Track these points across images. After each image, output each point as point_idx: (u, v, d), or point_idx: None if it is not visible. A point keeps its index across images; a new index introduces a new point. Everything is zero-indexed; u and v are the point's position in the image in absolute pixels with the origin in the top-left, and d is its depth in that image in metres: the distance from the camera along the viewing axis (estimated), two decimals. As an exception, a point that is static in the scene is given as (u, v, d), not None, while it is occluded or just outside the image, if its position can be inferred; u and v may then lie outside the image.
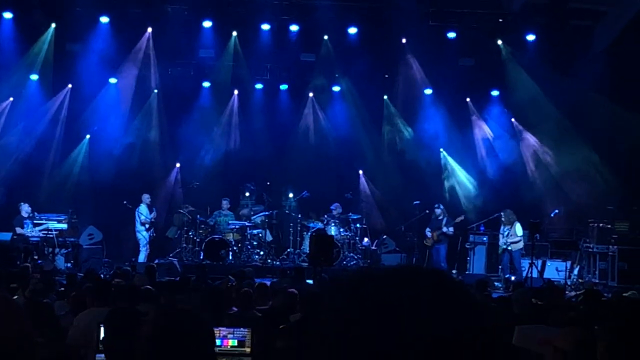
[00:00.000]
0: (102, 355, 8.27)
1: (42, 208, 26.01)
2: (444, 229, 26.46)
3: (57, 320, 10.51)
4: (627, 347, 4.15)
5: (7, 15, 26.90)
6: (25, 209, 25.26)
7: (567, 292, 20.64)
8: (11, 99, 27.92)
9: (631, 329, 4.25)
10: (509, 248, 25.35)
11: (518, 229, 25.38)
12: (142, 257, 26.25)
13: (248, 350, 8.61)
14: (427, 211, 27.22)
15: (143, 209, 26.76)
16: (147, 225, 26.66)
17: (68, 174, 28.72)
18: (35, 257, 23.96)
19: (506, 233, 25.54)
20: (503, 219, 25.72)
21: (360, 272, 2.07)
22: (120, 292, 11.21)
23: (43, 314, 9.83)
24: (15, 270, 17.97)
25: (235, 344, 8.60)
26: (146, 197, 27.00)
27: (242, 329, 8.75)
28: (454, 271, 25.69)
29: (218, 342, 8.48)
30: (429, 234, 26.89)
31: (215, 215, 27.56)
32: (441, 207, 27.03)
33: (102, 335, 8.85)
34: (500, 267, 26.01)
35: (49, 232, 25.15)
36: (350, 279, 2.03)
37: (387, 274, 2.01)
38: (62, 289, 15.19)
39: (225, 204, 27.71)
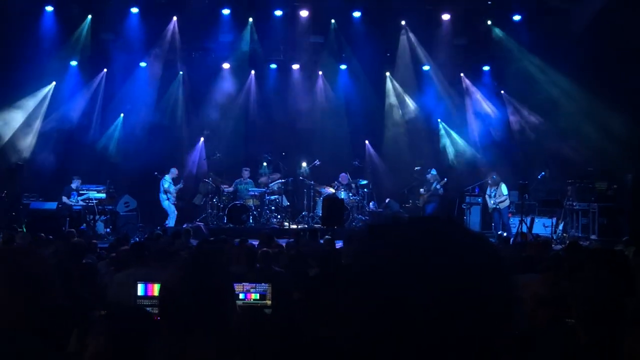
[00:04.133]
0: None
1: (83, 179, 26.21)
2: (432, 189, 26.91)
3: (96, 277, 10.69)
4: (596, 292, 4.22)
5: (49, 8, 27.27)
6: (76, 182, 25.57)
7: (553, 245, 20.71)
8: (54, 83, 28.20)
9: (604, 275, 4.33)
10: (498, 207, 25.61)
11: (503, 188, 25.67)
12: (171, 222, 26.41)
13: (269, 302, 8.76)
14: (427, 176, 27.39)
15: (167, 179, 26.78)
16: (169, 195, 26.66)
17: (105, 149, 29.01)
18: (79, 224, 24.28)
19: (493, 194, 25.76)
20: (490, 181, 25.96)
21: (378, 225, 1.88)
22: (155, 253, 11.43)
23: (86, 272, 10.02)
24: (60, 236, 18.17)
25: (258, 297, 8.75)
26: (173, 171, 27.06)
27: (263, 284, 8.91)
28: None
29: (242, 295, 8.69)
30: (422, 192, 27.37)
31: (237, 183, 27.68)
32: (433, 172, 27.26)
33: (138, 291, 9.04)
34: (493, 224, 26.22)
35: (90, 201, 25.42)
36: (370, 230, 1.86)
37: (407, 225, 1.84)
38: (104, 252, 15.35)
39: (246, 173, 27.85)
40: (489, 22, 28.71)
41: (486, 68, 30.24)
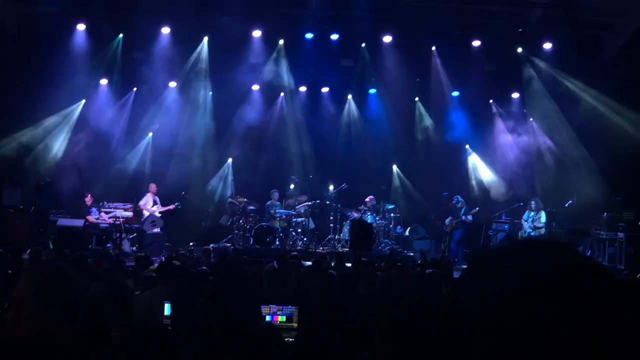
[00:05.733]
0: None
1: (110, 197, 26.33)
2: (463, 218, 26.67)
3: (126, 296, 10.69)
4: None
5: (81, 26, 27.41)
6: (87, 199, 25.67)
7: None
8: (84, 100, 28.40)
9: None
10: (533, 233, 25.42)
11: (543, 216, 25.56)
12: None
13: (295, 325, 8.73)
14: (458, 204, 27.30)
15: (147, 195, 26.94)
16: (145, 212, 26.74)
17: (133, 167, 29.09)
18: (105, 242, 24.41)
19: (531, 219, 25.62)
20: (533, 205, 25.79)
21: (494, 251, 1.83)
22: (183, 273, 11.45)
23: (119, 292, 10.04)
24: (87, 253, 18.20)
25: (284, 319, 8.73)
26: (152, 187, 27.16)
27: (290, 306, 8.88)
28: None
29: (268, 317, 8.67)
30: (447, 222, 27.09)
31: (270, 206, 27.69)
32: (459, 198, 27.16)
33: (166, 311, 9.02)
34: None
35: (117, 219, 25.51)
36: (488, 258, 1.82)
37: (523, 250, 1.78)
38: (130, 269, 15.34)
39: (275, 195, 27.88)
40: (519, 49, 28.63)
41: (515, 95, 30.14)
